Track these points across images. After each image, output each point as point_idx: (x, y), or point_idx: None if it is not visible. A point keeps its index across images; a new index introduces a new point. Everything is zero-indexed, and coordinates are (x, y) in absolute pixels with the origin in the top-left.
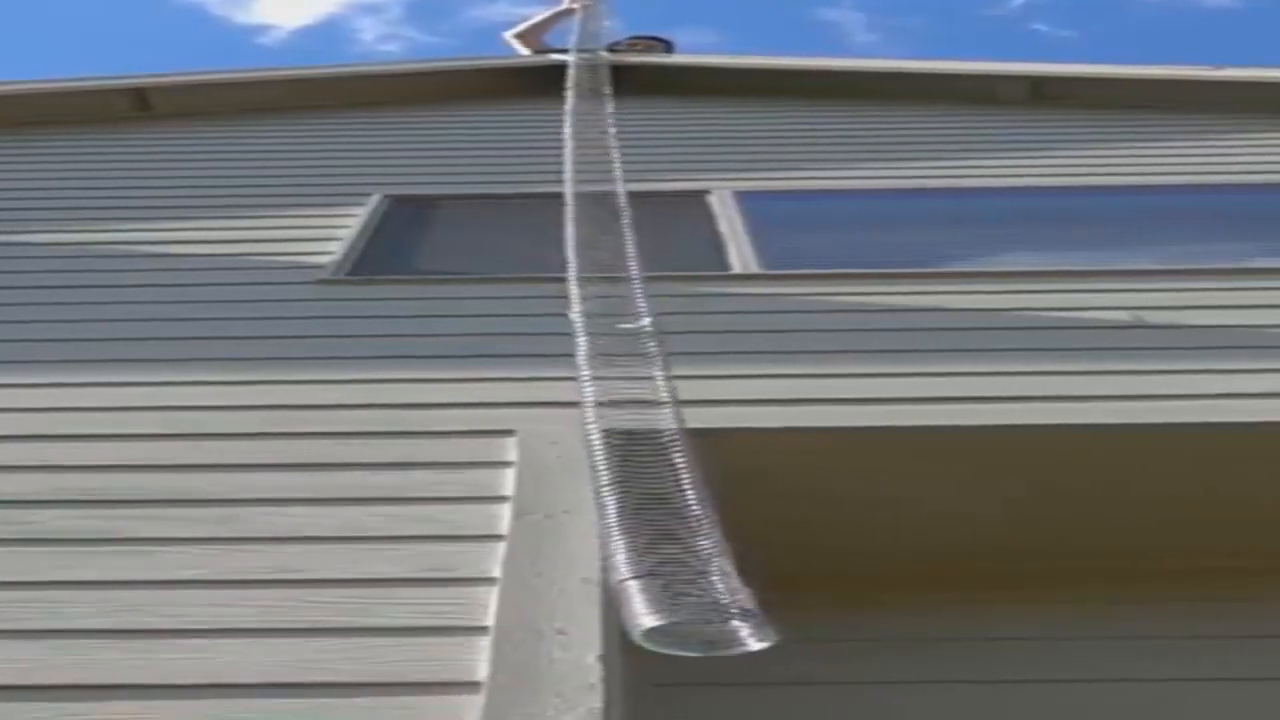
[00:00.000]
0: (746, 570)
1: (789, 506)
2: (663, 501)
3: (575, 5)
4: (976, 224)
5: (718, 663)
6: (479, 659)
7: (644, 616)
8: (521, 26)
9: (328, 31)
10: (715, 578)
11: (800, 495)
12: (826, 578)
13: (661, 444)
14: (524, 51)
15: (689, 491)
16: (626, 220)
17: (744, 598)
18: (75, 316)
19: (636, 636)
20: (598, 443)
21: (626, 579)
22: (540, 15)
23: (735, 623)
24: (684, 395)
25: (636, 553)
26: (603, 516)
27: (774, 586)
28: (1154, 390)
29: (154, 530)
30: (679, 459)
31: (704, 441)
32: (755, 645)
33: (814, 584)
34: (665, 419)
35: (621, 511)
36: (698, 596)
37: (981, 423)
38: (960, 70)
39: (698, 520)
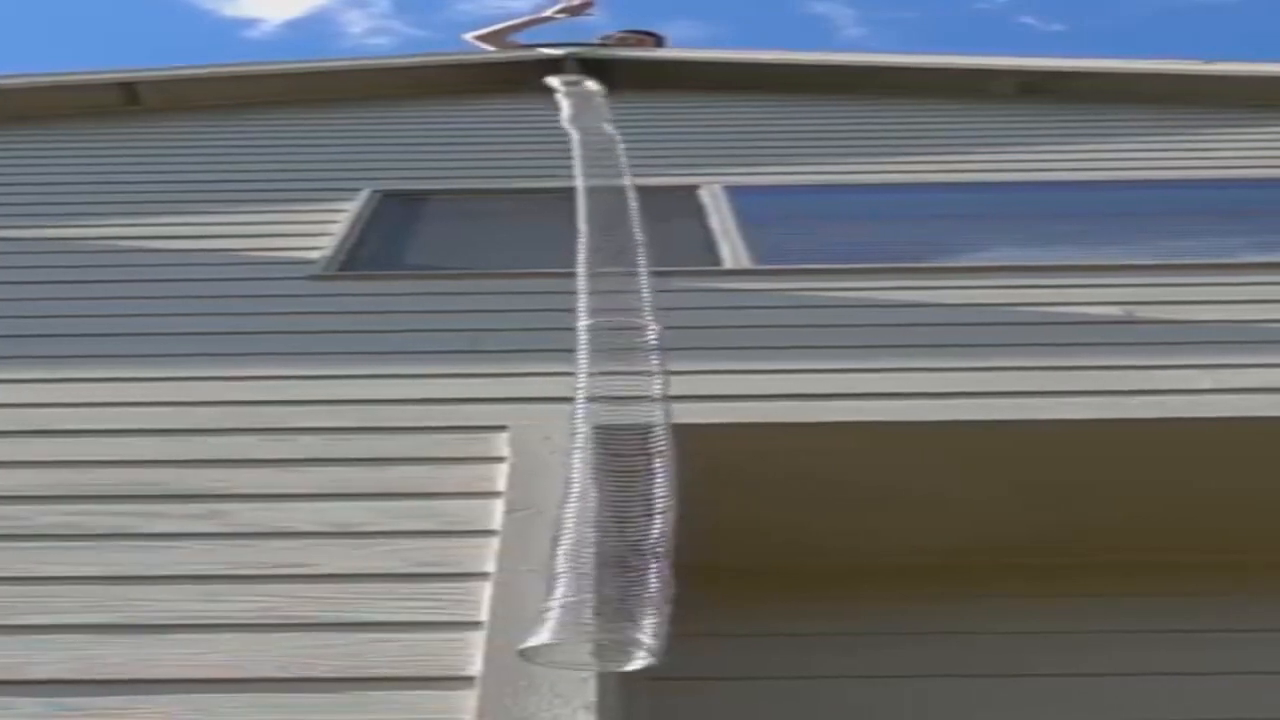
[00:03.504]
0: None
1: (781, 501)
2: (628, 503)
3: (548, 14)
4: (967, 219)
5: (714, 658)
6: (473, 654)
7: (537, 636)
8: (486, 30)
9: (315, 25)
10: (648, 594)
11: (791, 490)
12: (820, 572)
13: (647, 441)
14: (489, 50)
15: (659, 499)
16: (639, 238)
17: (655, 624)
18: (63, 312)
19: (518, 648)
20: (579, 443)
21: (549, 604)
22: (509, 22)
23: (629, 645)
24: (674, 390)
25: (576, 566)
26: (559, 525)
27: (768, 581)
28: (1145, 385)
29: (146, 525)
30: (659, 459)
31: (694, 436)
32: (637, 665)
33: (808, 578)
34: (655, 416)
35: (580, 523)
36: (610, 614)
37: (971, 417)
38: (950, 64)
39: (659, 534)
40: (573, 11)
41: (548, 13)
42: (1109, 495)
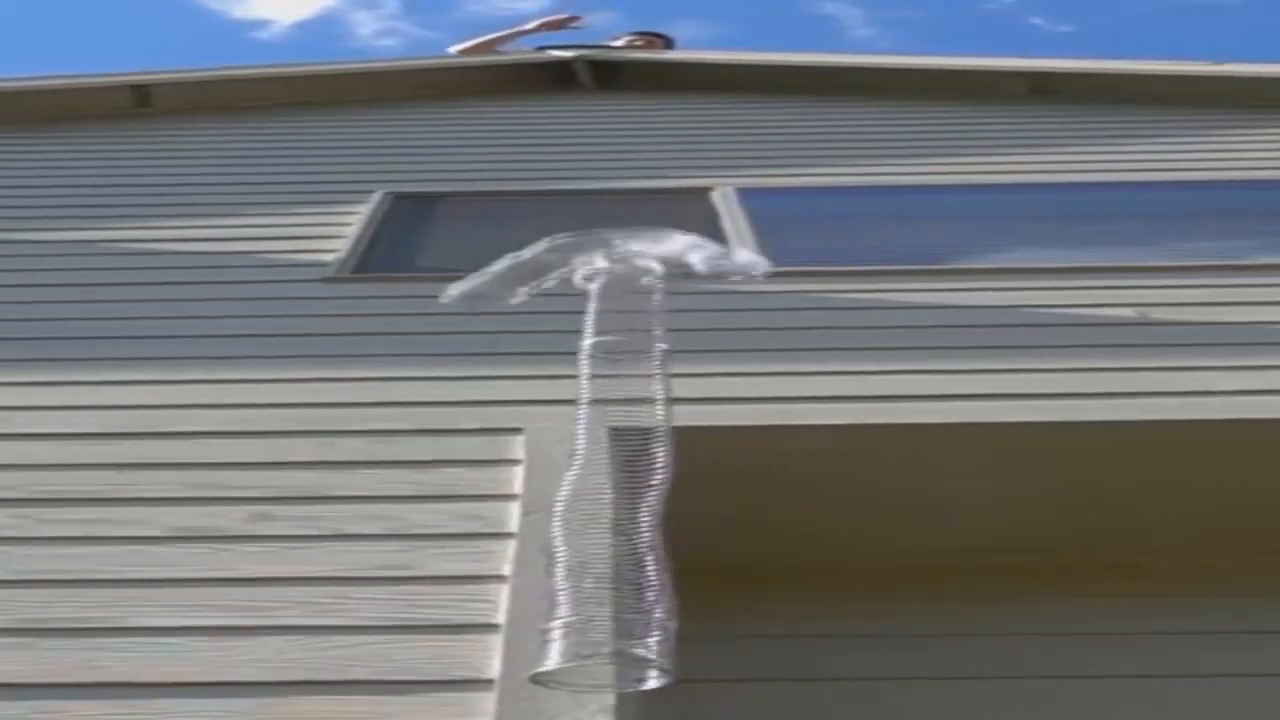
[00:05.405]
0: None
1: (794, 504)
2: (630, 515)
3: (530, 27)
4: (978, 220)
5: (731, 659)
6: (492, 656)
7: (547, 661)
8: (470, 43)
9: (324, 27)
10: (656, 609)
11: (805, 492)
12: (832, 574)
13: (649, 451)
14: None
15: (658, 511)
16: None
17: (661, 639)
18: (78, 315)
19: (530, 675)
20: (578, 451)
21: (553, 625)
22: (493, 35)
23: (640, 661)
24: (686, 392)
25: (578, 583)
26: (555, 540)
27: (793, 584)
28: (1160, 387)
29: (160, 529)
30: (660, 472)
31: (707, 438)
32: (649, 685)
33: (823, 580)
34: (657, 423)
35: (579, 535)
36: (612, 632)
37: (985, 420)
38: (961, 65)
39: (660, 546)
40: (555, 25)
41: (530, 26)
42: (1142, 497)
